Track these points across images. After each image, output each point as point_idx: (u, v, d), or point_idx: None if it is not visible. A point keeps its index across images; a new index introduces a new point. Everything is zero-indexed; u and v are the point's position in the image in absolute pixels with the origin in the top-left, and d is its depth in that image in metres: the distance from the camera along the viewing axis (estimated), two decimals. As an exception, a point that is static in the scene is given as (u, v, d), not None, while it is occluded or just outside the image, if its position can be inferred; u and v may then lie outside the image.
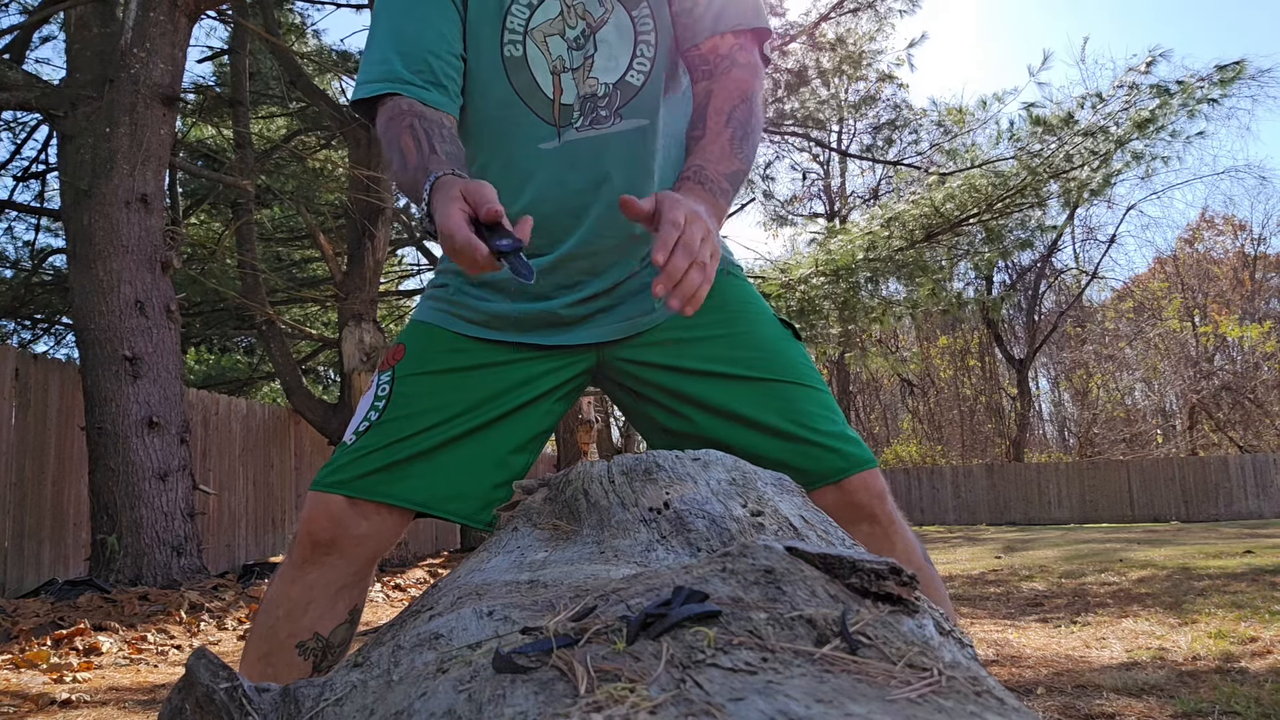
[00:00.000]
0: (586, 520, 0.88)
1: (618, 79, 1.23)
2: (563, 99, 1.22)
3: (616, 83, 1.23)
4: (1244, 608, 3.78)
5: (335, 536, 1.17)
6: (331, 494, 1.18)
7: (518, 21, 1.22)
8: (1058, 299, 22.55)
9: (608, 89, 1.23)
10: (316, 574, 1.18)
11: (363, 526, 1.17)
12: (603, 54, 1.22)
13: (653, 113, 1.25)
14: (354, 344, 8.12)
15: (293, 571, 1.19)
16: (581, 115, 1.23)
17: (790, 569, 0.49)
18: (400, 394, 1.21)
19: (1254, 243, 22.97)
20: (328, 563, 1.17)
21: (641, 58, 1.24)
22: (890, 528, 1.23)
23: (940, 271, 10.65)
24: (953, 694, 0.38)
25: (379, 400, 1.21)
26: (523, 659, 0.42)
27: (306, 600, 1.17)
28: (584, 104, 1.23)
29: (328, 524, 1.17)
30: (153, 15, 5.85)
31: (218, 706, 0.53)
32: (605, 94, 1.23)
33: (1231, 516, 14.89)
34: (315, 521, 1.18)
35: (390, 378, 1.23)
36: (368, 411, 1.21)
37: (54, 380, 6.48)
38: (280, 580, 1.21)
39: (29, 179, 10.27)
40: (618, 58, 1.23)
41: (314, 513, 1.18)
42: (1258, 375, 20.33)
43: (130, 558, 5.34)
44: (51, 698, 2.71)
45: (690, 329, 1.26)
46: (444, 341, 1.26)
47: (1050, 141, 9.48)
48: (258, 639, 1.20)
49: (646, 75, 1.24)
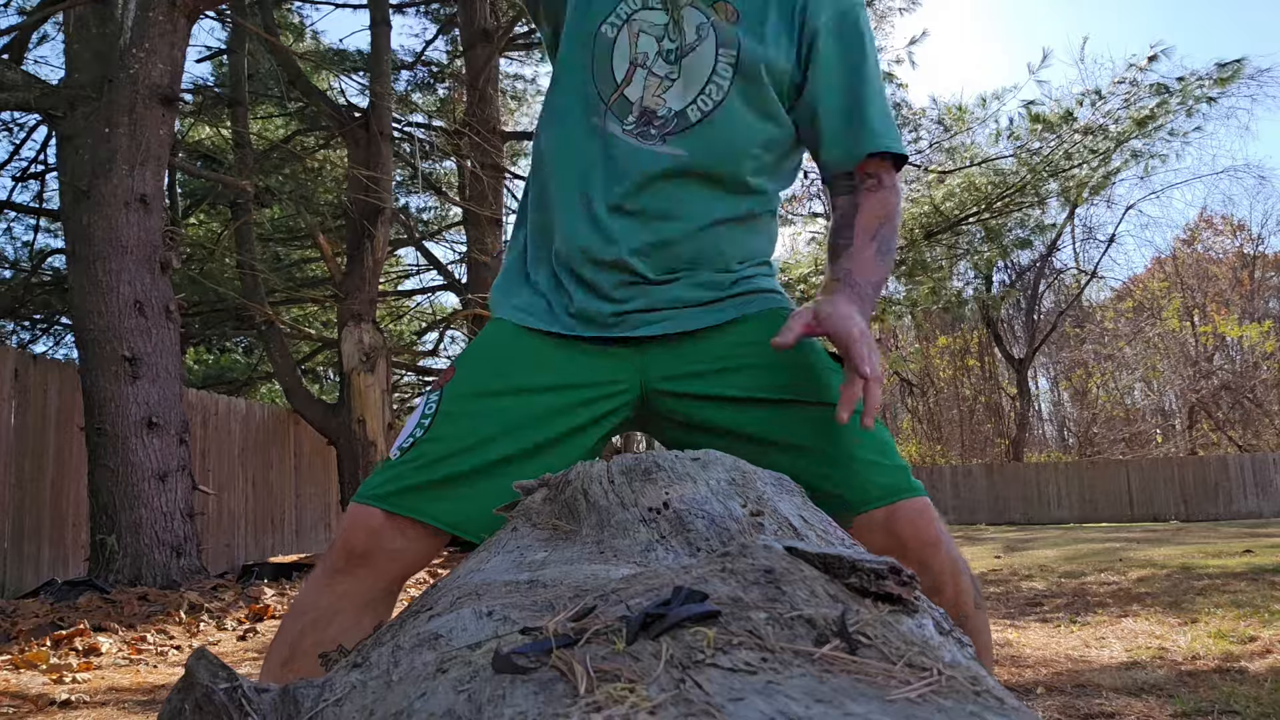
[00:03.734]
0: (586, 520, 0.88)
1: (680, 109, 1.26)
2: (626, 90, 1.26)
3: (679, 112, 1.26)
4: (1244, 607, 3.78)
5: (370, 549, 1.18)
6: (371, 506, 1.19)
7: (625, 9, 1.27)
8: (1057, 298, 22.56)
9: (669, 113, 1.26)
10: (347, 585, 1.19)
11: (398, 542, 1.19)
12: (682, 80, 1.26)
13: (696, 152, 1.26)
14: (353, 344, 8.11)
15: (325, 579, 1.21)
16: (636, 121, 1.26)
17: (790, 569, 0.49)
18: (445, 413, 1.22)
19: (1253, 242, 22.99)
20: (359, 575, 1.19)
21: (706, 95, 1.26)
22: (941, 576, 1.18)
23: (940, 270, 10.65)
24: (952, 694, 0.38)
25: (425, 418, 1.23)
26: (522, 659, 0.42)
27: (335, 610, 1.19)
28: (642, 113, 1.26)
29: (365, 536, 1.19)
30: (151, 15, 5.85)
31: (217, 707, 0.53)
32: (664, 116, 1.26)
33: (1231, 516, 14.90)
34: (353, 532, 1.19)
35: (439, 397, 1.25)
36: (414, 428, 1.23)
37: (53, 381, 6.48)
38: (311, 588, 1.23)
39: (28, 179, 10.28)
40: (690, 86, 1.26)
41: (353, 524, 1.20)
42: (1257, 375, 20.34)
43: (129, 558, 5.34)
44: (51, 698, 2.71)
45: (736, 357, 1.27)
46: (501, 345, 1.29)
47: (1050, 139, 9.48)
48: (282, 644, 1.21)
49: (704, 114, 1.26)
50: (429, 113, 11.39)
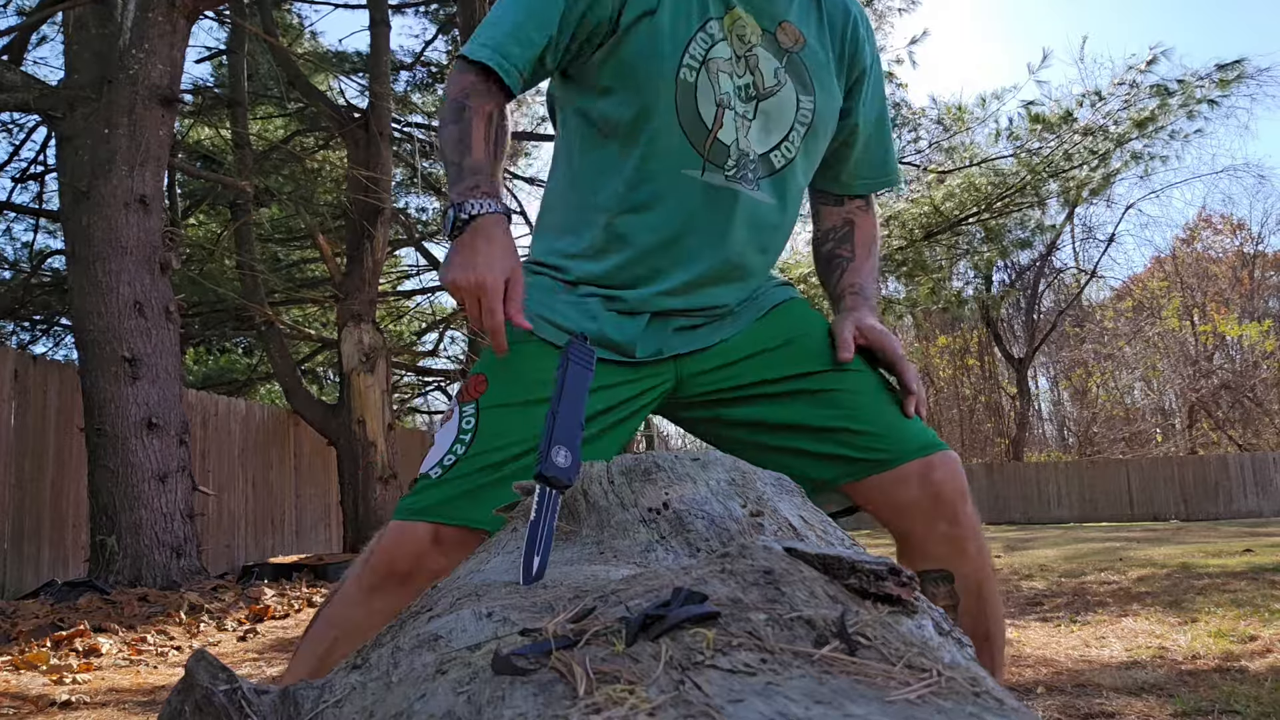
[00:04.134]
0: (586, 521, 0.88)
1: (764, 152, 1.27)
2: (720, 134, 1.24)
3: (763, 155, 1.27)
4: (1244, 606, 3.78)
5: (414, 570, 1.17)
6: (417, 522, 1.18)
7: (699, 49, 1.24)
8: (1057, 298, 22.55)
9: (755, 157, 1.27)
10: (384, 603, 1.17)
11: (441, 563, 1.17)
12: (760, 122, 1.26)
13: (781, 197, 1.31)
14: (353, 344, 8.11)
15: (359, 595, 1.19)
16: (737, 167, 1.26)
17: (789, 570, 0.49)
18: (486, 427, 1.21)
19: (1252, 241, 22.99)
20: (399, 593, 1.17)
21: (789, 143, 1.29)
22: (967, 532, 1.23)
23: (940, 270, 10.65)
24: (952, 694, 0.38)
25: (464, 434, 1.21)
26: (522, 660, 0.42)
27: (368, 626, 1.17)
28: (741, 157, 1.26)
29: (410, 557, 1.18)
30: (151, 16, 5.85)
31: (217, 708, 0.53)
32: (754, 159, 1.27)
33: (1231, 515, 14.90)
34: (397, 552, 1.18)
35: (474, 410, 1.22)
36: (452, 445, 1.21)
37: (53, 381, 6.48)
38: (342, 601, 1.22)
39: (27, 180, 10.28)
40: (772, 132, 1.27)
41: (397, 543, 1.19)
42: (1257, 374, 20.35)
43: (129, 559, 5.34)
44: (51, 699, 2.71)
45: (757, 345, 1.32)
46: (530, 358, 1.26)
47: (1049, 140, 9.48)
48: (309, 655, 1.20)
49: (787, 161, 1.29)
50: (428, 113, 11.40)
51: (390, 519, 1.23)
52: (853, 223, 1.44)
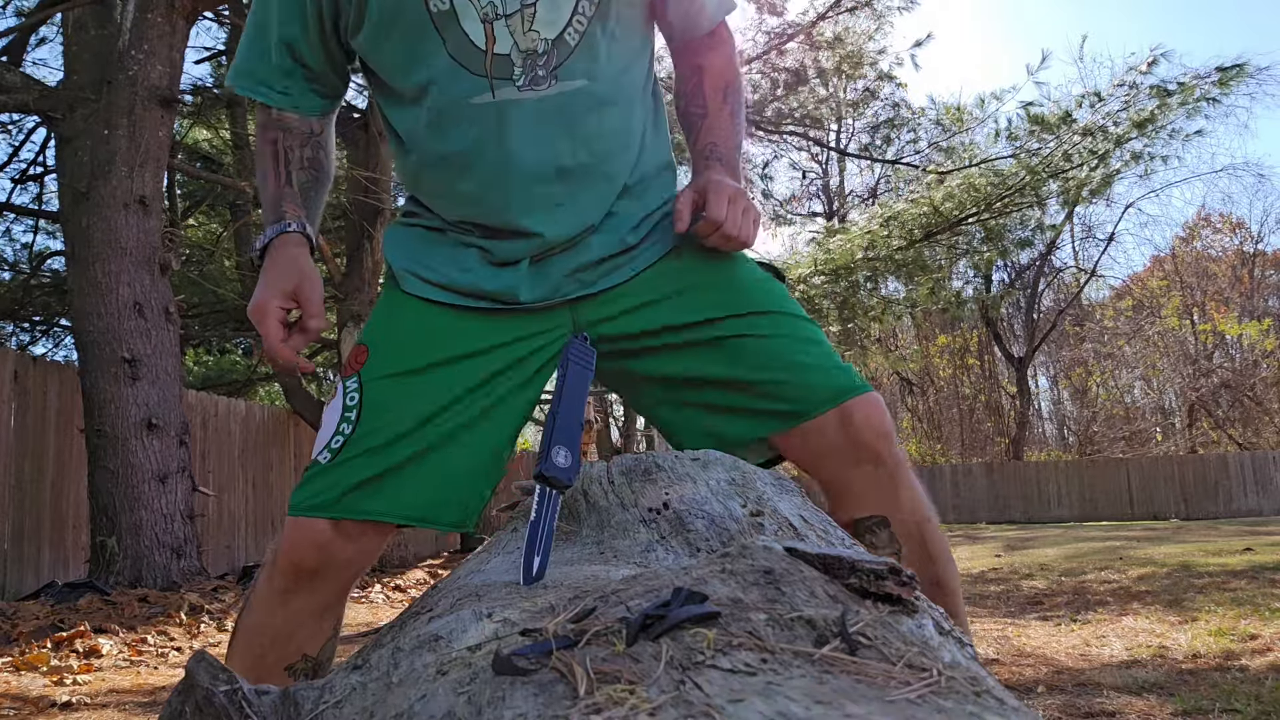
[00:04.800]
0: (586, 521, 0.88)
1: (556, 35, 1.14)
2: (496, 48, 1.12)
3: (555, 39, 1.14)
4: (1244, 605, 3.78)
5: (321, 564, 1.11)
6: (314, 518, 1.10)
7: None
8: (1056, 297, 22.56)
9: (547, 45, 1.13)
10: (301, 601, 1.12)
11: (349, 550, 1.11)
12: (545, 3, 1.12)
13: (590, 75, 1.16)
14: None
15: (274, 599, 1.13)
16: (523, 73, 1.13)
17: (789, 569, 0.49)
18: (372, 401, 1.12)
19: (1252, 240, 22.99)
20: (312, 589, 1.12)
21: (581, 15, 1.15)
22: (896, 471, 1.16)
23: (939, 270, 10.65)
24: (952, 694, 0.38)
25: (349, 411, 1.13)
26: (522, 661, 0.42)
27: (292, 627, 1.13)
28: (525, 60, 1.13)
29: (313, 552, 1.10)
30: (150, 17, 5.85)
31: (217, 709, 0.53)
32: (544, 50, 1.13)
33: (1231, 514, 14.90)
34: (299, 550, 1.11)
35: (358, 384, 1.14)
36: (338, 424, 1.13)
37: (53, 382, 6.48)
38: (260, 608, 1.15)
39: (27, 181, 10.27)
40: (560, 9, 1.13)
41: (296, 541, 1.11)
42: (1257, 373, 20.35)
43: (130, 560, 5.34)
44: (52, 700, 2.71)
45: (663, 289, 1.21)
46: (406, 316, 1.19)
47: (1049, 140, 9.48)
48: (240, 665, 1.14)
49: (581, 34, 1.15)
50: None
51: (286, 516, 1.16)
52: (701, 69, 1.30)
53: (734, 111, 1.30)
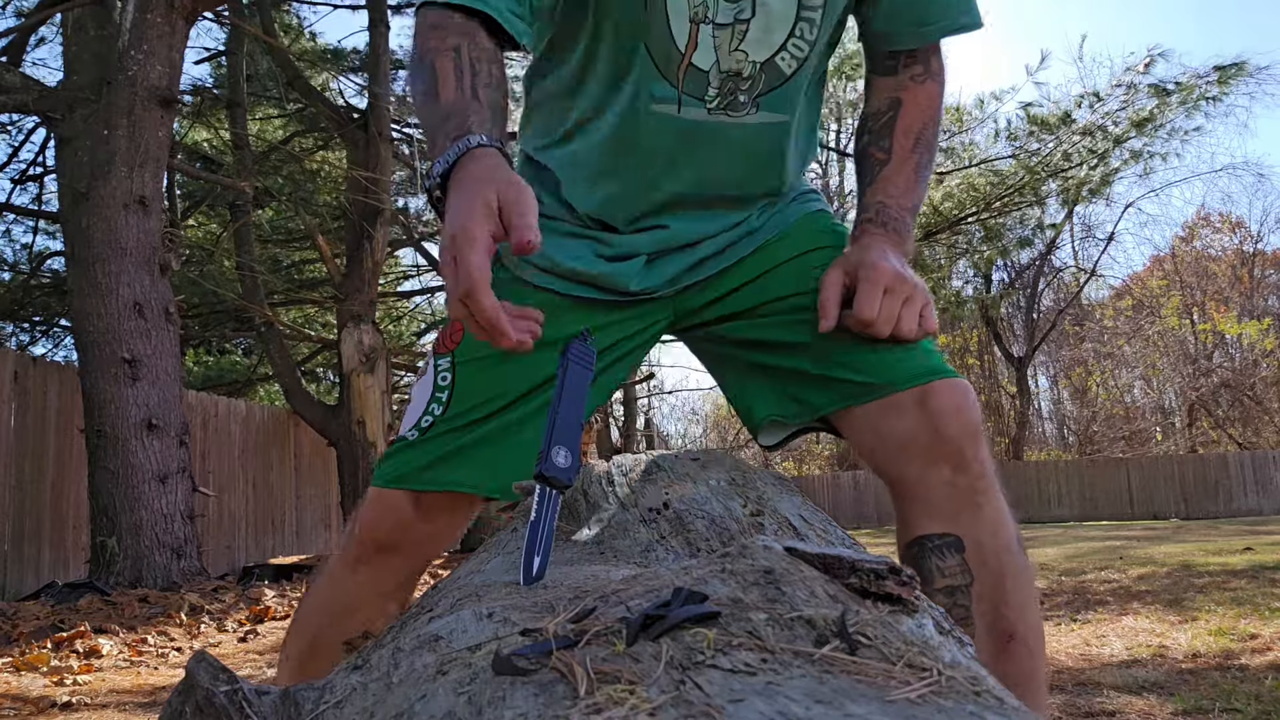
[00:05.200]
0: (586, 521, 0.88)
1: (766, 59, 1.02)
2: (694, 58, 1.01)
3: (765, 63, 1.02)
4: (1244, 605, 3.78)
5: (399, 540, 1.09)
6: (396, 490, 1.08)
7: None
8: (1056, 297, 22.56)
9: (754, 69, 1.02)
10: (370, 574, 1.11)
11: (427, 529, 1.09)
12: (759, 22, 1.00)
13: (794, 107, 1.07)
14: (353, 345, 8.12)
15: (345, 570, 1.12)
16: (719, 95, 1.03)
17: (789, 569, 0.49)
18: (464, 382, 1.07)
19: (1252, 240, 23.00)
20: (386, 563, 1.11)
21: (799, 39, 1.03)
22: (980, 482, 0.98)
23: (939, 270, 10.65)
24: (952, 694, 0.38)
25: (440, 391, 1.08)
26: (522, 661, 0.42)
27: (358, 601, 1.11)
28: (725, 82, 1.02)
29: (392, 526, 1.09)
30: (149, 17, 5.85)
31: (217, 709, 0.53)
32: (750, 74, 1.02)
33: (1231, 514, 14.90)
34: (378, 523, 1.09)
35: (450, 364, 1.08)
36: (429, 404, 1.09)
37: (53, 383, 6.48)
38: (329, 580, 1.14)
39: (27, 181, 10.28)
40: (774, 31, 1.01)
41: (377, 513, 1.10)
42: (1256, 372, 20.35)
43: (130, 560, 5.34)
44: (52, 700, 2.71)
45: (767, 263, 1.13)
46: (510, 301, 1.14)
47: (1048, 140, 9.49)
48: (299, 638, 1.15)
49: (800, 63, 1.04)
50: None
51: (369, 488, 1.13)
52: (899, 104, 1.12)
53: (920, 166, 1.12)
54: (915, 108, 1.12)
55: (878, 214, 1.08)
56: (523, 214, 0.76)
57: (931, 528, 0.98)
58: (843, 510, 16.36)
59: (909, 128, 1.11)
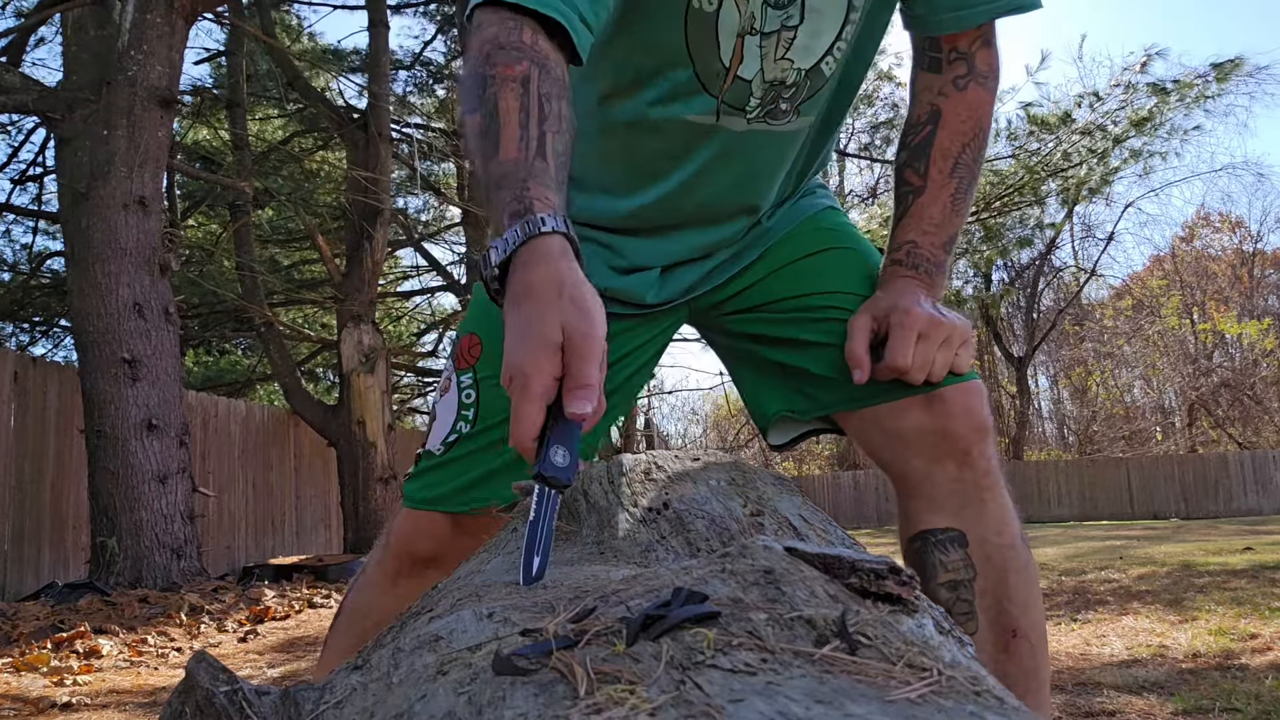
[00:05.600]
0: (586, 521, 0.88)
1: (812, 65, 0.98)
2: (740, 70, 0.96)
3: (810, 70, 0.98)
4: (1244, 604, 3.78)
5: (438, 554, 1.11)
6: (433, 512, 1.09)
7: None
8: (1056, 297, 22.56)
9: (798, 75, 0.98)
10: (412, 586, 1.12)
11: (465, 541, 1.10)
12: (808, 28, 0.95)
13: (828, 107, 1.05)
14: (353, 345, 8.12)
15: (385, 582, 1.14)
16: (760, 105, 0.99)
17: (789, 569, 0.49)
18: (488, 401, 1.06)
19: (1251, 239, 23.00)
20: (425, 575, 1.12)
21: (843, 41, 0.99)
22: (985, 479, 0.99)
23: (939, 270, 10.66)
24: (952, 694, 0.38)
25: (465, 409, 1.07)
26: (522, 661, 0.42)
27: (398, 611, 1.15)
28: (767, 92, 0.98)
29: (429, 542, 1.11)
30: (149, 18, 5.85)
31: (218, 710, 0.53)
32: (794, 81, 0.98)
33: (1231, 513, 14.91)
34: (415, 540, 1.11)
35: (473, 380, 1.07)
36: (455, 422, 1.08)
37: (53, 383, 6.48)
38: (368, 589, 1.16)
39: (26, 182, 10.27)
40: (821, 36, 0.97)
41: (412, 531, 1.11)
42: (1256, 372, 20.35)
43: (130, 560, 5.34)
44: (52, 701, 2.71)
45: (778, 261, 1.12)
46: None
47: (1048, 140, 9.49)
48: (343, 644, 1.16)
49: (838, 64, 1.00)
50: (428, 114, 11.39)
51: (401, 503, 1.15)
52: (939, 115, 1.03)
53: (959, 193, 1.04)
54: (955, 121, 1.04)
55: (909, 255, 1.05)
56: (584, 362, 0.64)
57: (935, 523, 0.99)
58: (843, 510, 16.36)
59: (947, 150, 1.04)
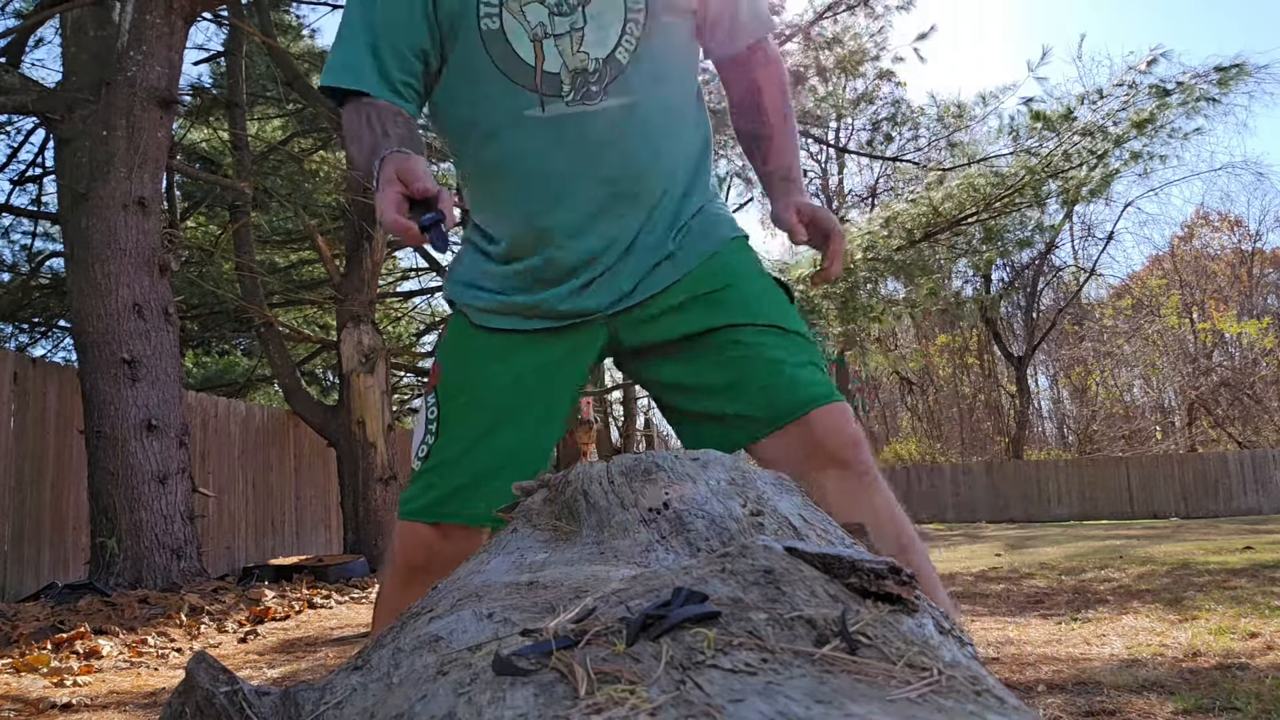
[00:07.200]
0: (586, 521, 0.88)
1: (607, 54, 1.22)
2: (546, 66, 1.20)
3: (606, 58, 1.22)
4: (1244, 604, 3.78)
5: (428, 560, 1.26)
6: (416, 523, 1.27)
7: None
8: (1056, 296, 22.56)
9: (598, 64, 1.21)
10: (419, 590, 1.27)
11: (450, 548, 1.26)
12: (593, 27, 1.20)
13: (640, 90, 1.24)
14: (352, 346, 8.11)
15: (397, 593, 1.29)
16: (573, 90, 1.21)
17: (790, 569, 0.49)
18: (446, 416, 1.28)
19: (1251, 239, 23.00)
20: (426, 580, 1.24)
21: (629, 36, 1.23)
22: (865, 477, 1.19)
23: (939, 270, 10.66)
24: (952, 693, 0.38)
25: (431, 424, 1.29)
26: (523, 661, 0.42)
27: None
28: (575, 78, 1.21)
29: (420, 550, 1.27)
30: (149, 18, 5.85)
31: (218, 710, 0.53)
32: (595, 69, 1.22)
33: (1231, 513, 14.91)
34: (408, 550, 1.28)
35: (435, 400, 1.30)
36: (424, 436, 1.30)
37: (52, 384, 6.48)
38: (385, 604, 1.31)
39: (26, 182, 10.26)
40: (607, 30, 1.21)
41: (405, 541, 1.29)
42: (1256, 371, 20.35)
43: (130, 561, 5.34)
44: (52, 702, 2.71)
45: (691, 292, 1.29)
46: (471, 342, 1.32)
47: (1049, 139, 9.49)
48: None
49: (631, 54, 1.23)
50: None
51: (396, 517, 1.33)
52: (758, 87, 1.37)
53: (792, 131, 1.38)
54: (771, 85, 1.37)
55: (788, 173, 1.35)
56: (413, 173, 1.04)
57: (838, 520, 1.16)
58: (843, 510, 16.35)
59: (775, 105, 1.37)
